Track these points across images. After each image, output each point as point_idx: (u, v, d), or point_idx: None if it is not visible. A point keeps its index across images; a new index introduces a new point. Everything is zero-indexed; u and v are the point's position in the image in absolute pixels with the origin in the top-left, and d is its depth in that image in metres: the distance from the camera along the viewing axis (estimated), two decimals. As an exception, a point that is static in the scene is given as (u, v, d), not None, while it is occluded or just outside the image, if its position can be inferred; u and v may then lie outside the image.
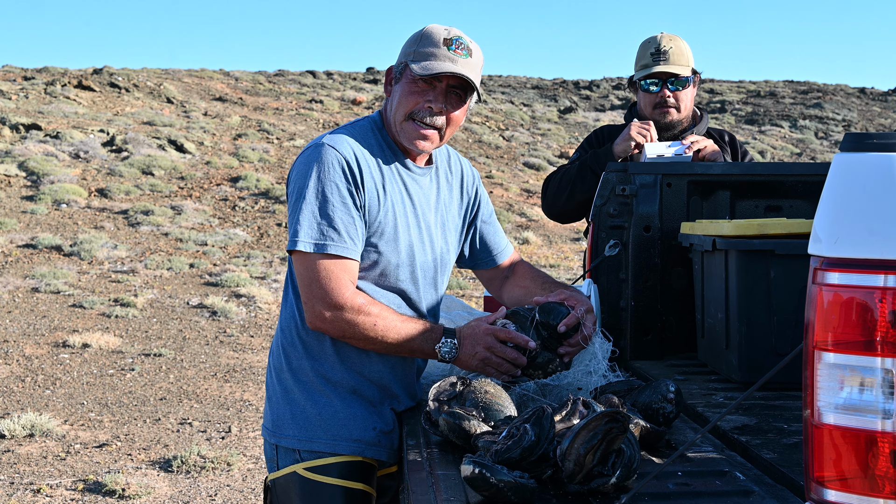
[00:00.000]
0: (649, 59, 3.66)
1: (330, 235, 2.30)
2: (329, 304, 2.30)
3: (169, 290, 11.18)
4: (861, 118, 29.16)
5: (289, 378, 2.45)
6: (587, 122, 26.13)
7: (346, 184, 2.34)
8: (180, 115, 21.57)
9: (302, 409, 2.42)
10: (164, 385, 7.71)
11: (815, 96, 31.25)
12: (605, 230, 3.29)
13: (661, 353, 3.25)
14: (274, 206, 15.34)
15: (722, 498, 1.78)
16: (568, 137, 23.88)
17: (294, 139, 20.08)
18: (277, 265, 12.58)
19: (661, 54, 3.63)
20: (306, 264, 2.32)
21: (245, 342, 9.21)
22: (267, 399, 2.53)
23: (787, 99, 30.77)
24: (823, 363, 1.58)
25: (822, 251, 1.59)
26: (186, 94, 24.26)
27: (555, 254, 14.21)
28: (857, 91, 33.15)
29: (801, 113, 28.42)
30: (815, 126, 27.35)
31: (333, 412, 2.41)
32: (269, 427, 2.48)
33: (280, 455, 2.44)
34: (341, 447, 2.40)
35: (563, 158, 21.40)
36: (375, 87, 29.24)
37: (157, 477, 5.57)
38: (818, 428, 1.57)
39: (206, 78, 27.34)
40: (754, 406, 2.55)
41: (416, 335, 2.35)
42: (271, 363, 2.53)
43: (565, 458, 1.78)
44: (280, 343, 2.49)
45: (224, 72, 29.39)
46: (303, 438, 2.41)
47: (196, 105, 22.92)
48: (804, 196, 3.32)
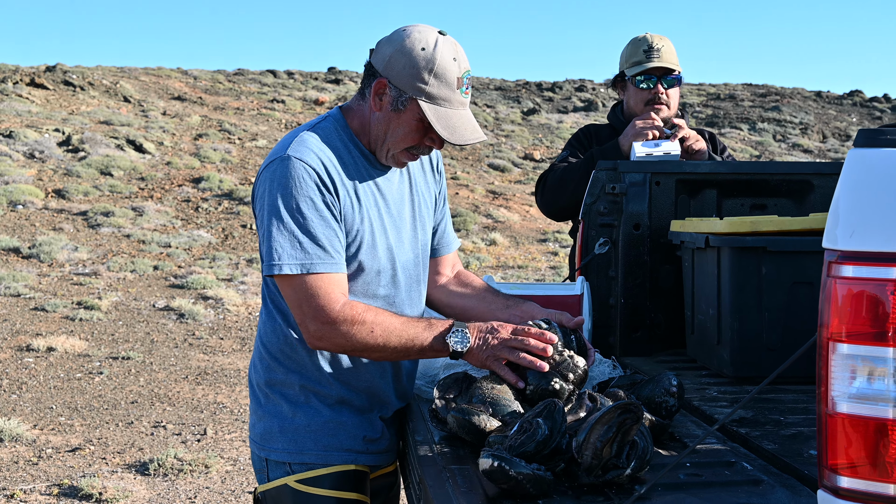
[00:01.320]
0: (642, 56, 3.69)
1: (316, 253, 2.23)
2: (322, 322, 2.21)
3: (133, 293, 11.08)
4: (818, 121, 29.62)
5: (275, 392, 2.39)
6: (550, 124, 26.27)
7: (320, 196, 2.25)
8: (138, 114, 21.36)
9: (290, 421, 2.37)
10: (134, 388, 7.64)
11: (774, 99, 31.68)
12: (594, 228, 3.32)
13: (651, 350, 3.30)
14: (238, 207, 15.25)
15: (733, 487, 1.82)
16: (532, 139, 24.00)
17: (256, 139, 19.97)
18: (244, 267, 12.51)
19: (654, 51, 3.68)
20: (294, 286, 2.23)
21: (215, 344, 9.15)
22: (252, 412, 2.46)
23: (745, 102, 31.18)
24: (837, 354, 1.62)
25: (837, 245, 1.63)
26: (144, 92, 24.03)
27: (522, 255, 14.28)
28: (813, 94, 33.66)
29: (759, 116, 28.81)
30: (773, 129, 27.74)
31: (323, 422, 2.37)
32: (258, 441, 2.42)
33: (270, 467, 2.39)
34: (332, 458, 2.36)
35: (528, 160, 21.50)
36: (338, 87, 29.16)
37: (134, 480, 5.52)
38: (832, 417, 1.62)
39: (164, 77, 27.09)
40: (749, 401, 2.60)
41: (420, 333, 2.26)
42: (254, 378, 2.46)
43: (582, 451, 1.81)
44: (262, 358, 2.42)
45: (182, 70, 29.12)
46: (293, 451, 2.36)
47: (154, 104, 22.71)
48: (788, 195, 3.38)
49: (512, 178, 19.99)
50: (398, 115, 2.31)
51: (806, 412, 2.42)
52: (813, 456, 2.02)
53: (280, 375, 2.39)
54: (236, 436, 6.43)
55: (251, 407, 2.47)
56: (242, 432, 6.51)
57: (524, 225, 16.15)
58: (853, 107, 32.83)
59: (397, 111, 2.31)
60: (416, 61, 2.27)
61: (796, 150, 26.66)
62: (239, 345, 9.18)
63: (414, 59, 2.27)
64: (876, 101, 33.12)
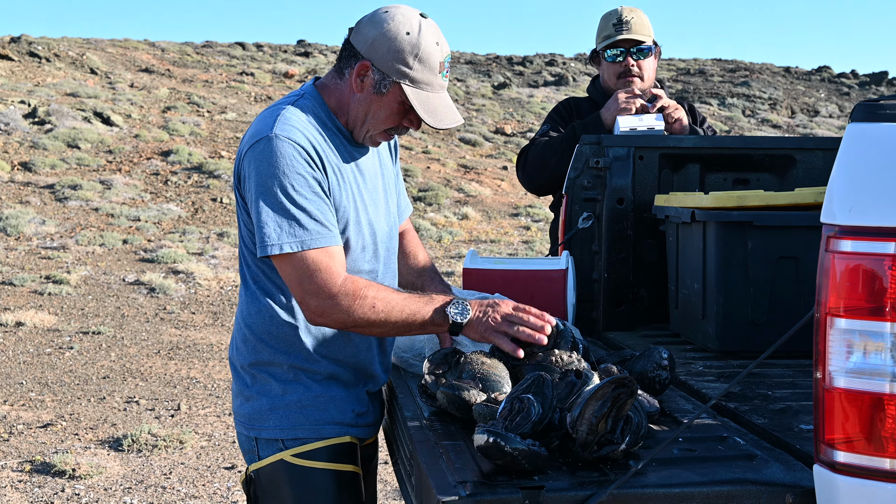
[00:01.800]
0: (612, 30, 3.69)
1: (314, 229, 2.21)
2: (322, 297, 2.20)
3: (103, 267, 10.96)
4: (786, 96, 29.79)
5: (262, 372, 2.37)
6: (521, 98, 26.23)
7: (311, 173, 2.25)
8: (105, 86, 21.06)
9: (281, 398, 2.35)
10: (105, 363, 7.57)
11: (743, 75, 31.82)
12: (578, 202, 3.31)
13: (634, 324, 3.30)
14: (208, 180, 15.10)
15: (727, 462, 1.81)
16: (503, 113, 23.96)
17: (225, 112, 19.77)
18: (214, 241, 12.41)
19: (623, 24, 3.67)
20: (293, 264, 2.21)
21: (187, 319, 9.08)
22: (237, 393, 2.43)
23: (715, 77, 31.29)
24: (835, 329, 1.61)
25: (836, 219, 1.62)
26: (111, 64, 23.69)
27: (494, 229, 14.28)
28: (782, 70, 33.85)
29: (729, 91, 28.92)
30: (742, 104, 27.88)
31: (313, 397, 2.35)
32: (245, 421, 2.39)
33: (260, 446, 2.37)
34: (325, 431, 2.35)
35: (499, 134, 21.47)
36: (307, 59, 28.91)
37: (108, 456, 5.47)
38: (829, 391, 1.61)
39: (131, 48, 26.72)
40: (735, 374, 2.60)
41: (421, 307, 2.25)
42: (237, 360, 2.42)
43: (577, 427, 1.80)
44: (247, 340, 2.39)
45: (149, 42, 28.73)
46: (285, 427, 2.35)
47: (121, 76, 22.39)
48: (771, 169, 3.39)
49: (483, 152, 19.95)
50: (380, 97, 2.31)
51: (793, 386, 2.43)
52: (804, 430, 2.02)
53: (267, 356, 2.37)
54: (210, 411, 6.39)
55: (235, 389, 2.43)
56: (216, 407, 6.48)
57: (496, 199, 16.14)
58: (821, 82, 33.07)
59: (379, 94, 2.31)
60: (402, 45, 2.27)
61: (765, 125, 26.82)
62: (211, 319, 9.11)
63: (399, 44, 2.27)
64: (843, 77, 33.37)
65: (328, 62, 28.78)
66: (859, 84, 32.48)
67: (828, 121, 27.66)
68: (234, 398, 2.45)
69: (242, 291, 2.42)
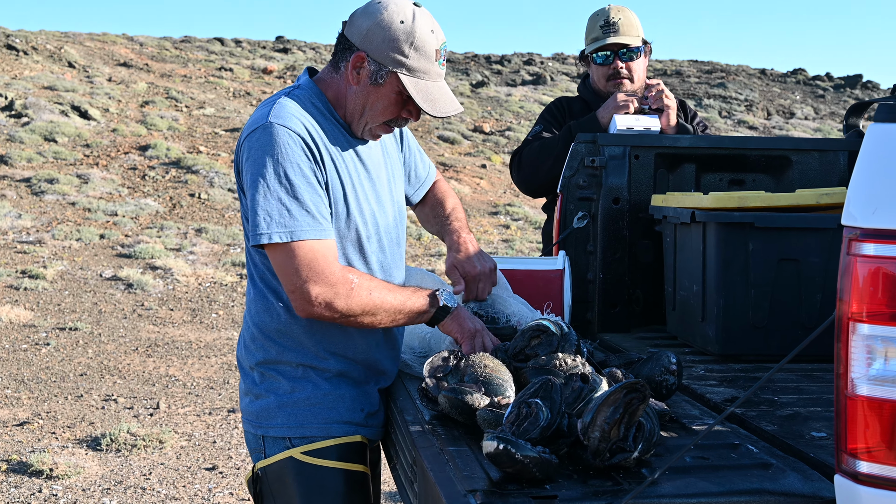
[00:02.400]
0: (599, 32, 3.65)
1: (305, 220, 2.18)
2: (319, 289, 2.17)
3: (80, 262, 10.80)
4: (762, 98, 29.90)
5: (271, 370, 2.34)
6: (499, 97, 26.16)
7: (308, 163, 2.22)
8: (83, 80, 20.80)
9: (289, 396, 2.32)
10: (82, 360, 7.45)
11: (719, 76, 31.90)
12: (573, 202, 3.26)
13: (629, 326, 3.25)
14: (186, 175, 14.94)
15: (743, 471, 1.77)
16: (481, 111, 23.88)
17: (204, 107, 19.59)
18: (193, 236, 12.27)
19: (610, 26, 3.62)
20: (286, 253, 2.18)
21: (165, 315, 8.96)
22: (245, 392, 2.40)
23: (692, 78, 31.35)
24: (858, 335, 1.57)
25: (858, 222, 1.57)
26: (89, 58, 23.42)
27: (474, 227, 14.21)
28: (758, 72, 33.97)
29: (705, 92, 28.97)
30: (718, 105, 27.93)
31: (322, 395, 2.33)
32: (253, 419, 2.36)
33: (267, 445, 2.33)
34: (335, 430, 2.32)
35: (477, 132, 21.41)
36: (286, 56, 28.72)
37: (86, 456, 5.36)
38: (851, 399, 1.57)
39: (109, 42, 26.43)
40: (737, 378, 2.56)
41: (410, 296, 2.30)
42: (245, 359, 2.40)
43: (588, 433, 1.74)
44: (255, 338, 2.36)
45: (127, 36, 28.43)
46: (293, 425, 2.31)
47: (99, 70, 22.14)
48: (767, 170, 3.35)
49: (462, 150, 19.88)
50: (377, 88, 2.29)
51: (798, 391, 2.38)
52: (816, 438, 1.98)
53: (275, 354, 2.34)
54: (190, 410, 6.30)
55: (243, 387, 2.40)
56: (196, 406, 6.38)
57: (475, 198, 16.08)
58: (796, 84, 33.23)
59: (376, 85, 2.29)
60: (396, 34, 2.25)
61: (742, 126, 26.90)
62: (190, 316, 9.00)
63: (394, 33, 2.25)
64: (818, 80, 33.55)
65: (307, 59, 28.62)
66: (834, 87, 32.66)
67: (803, 122, 27.78)
68: (242, 397, 2.41)
69: (250, 289, 2.39)
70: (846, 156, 3.29)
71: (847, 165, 3.29)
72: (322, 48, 30.91)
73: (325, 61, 28.12)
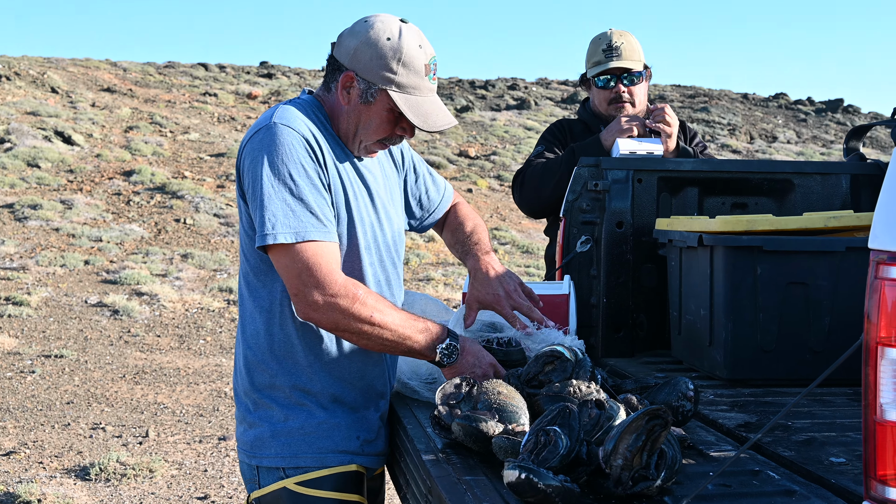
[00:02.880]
0: (602, 56, 3.64)
1: (310, 221, 2.15)
2: (324, 292, 2.12)
3: (64, 288, 10.70)
4: (745, 122, 30.10)
5: (264, 397, 2.29)
6: (484, 121, 26.23)
7: (312, 164, 2.19)
8: (66, 105, 20.72)
9: (283, 425, 2.27)
10: (69, 388, 7.35)
11: (702, 100, 32.13)
12: (576, 226, 3.24)
13: (633, 351, 3.22)
14: (171, 200, 14.86)
15: (767, 498, 1.73)
16: (466, 136, 23.92)
17: (189, 132, 19.53)
18: (178, 262, 12.18)
19: (612, 50, 3.62)
20: (291, 255, 2.14)
21: (152, 342, 8.87)
22: (240, 420, 2.36)
23: (675, 102, 31.53)
24: (887, 359, 1.54)
25: (886, 245, 1.55)
26: (72, 84, 23.34)
27: (460, 252, 14.17)
28: (740, 96, 34.22)
29: (688, 116, 29.12)
30: (702, 129, 28.09)
31: (316, 424, 2.28)
32: (247, 449, 2.32)
33: (261, 475, 2.29)
34: (329, 459, 2.27)
35: (463, 157, 21.43)
36: (270, 81, 28.71)
37: (75, 486, 5.27)
38: (881, 425, 1.54)
39: (93, 68, 26.35)
40: (748, 403, 2.53)
41: (414, 333, 2.22)
42: (240, 386, 2.35)
43: (610, 461, 1.71)
44: (248, 363, 2.32)
45: (111, 62, 28.37)
46: (287, 455, 2.27)
47: (83, 96, 22.05)
48: (770, 193, 3.34)
49: (447, 174, 19.88)
50: (368, 107, 2.28)
51: (811, 416, 2.36)
52: (835, 463, 1.95)
53: (268, 378, 2.29)
54: (180, 438, 6.21)
55: (238, 416, 2.36)
56: (186, 434, 6.30)
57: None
58: (778, 109, 33.48)
59: (367, 103, 2.28)
60: (383, 51, 2.24)
61: (725, 150, 27.05)
62: (177, 342, 8.92)
63: (380, 50, 2.24)
64: (800, 104, 33.82)
65: (291, 84, 28.62)
66: (815, 111, 32.93)
67: (786, 146, 27.98)
68: (238, 425, 2.37)
69: (243, 312, 2.34)
70: (848, 179, 3.28)
71: (849, 188, 3.28)
72: (306, 73, 30.93)
73: (309, 86, 28.14)
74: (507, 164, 20.56)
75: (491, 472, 1.88)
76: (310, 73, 31.21)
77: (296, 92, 26.27)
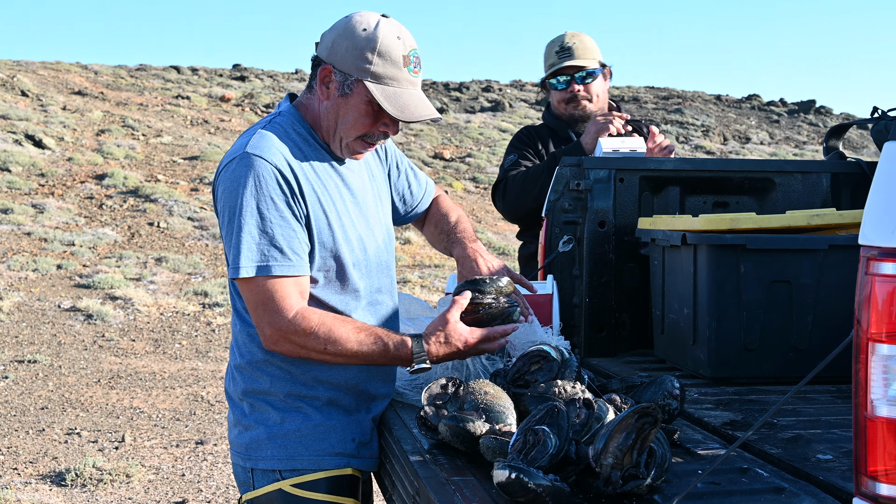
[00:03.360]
0: (555, 58, 3.70)
1: (273, 255, 2.16)
2: (275, 329, 2.17)
3: (37, 293, 10.59)
4: (718, 124, 30.29)
5: (260, 401, 2.29)
6: (458, 124, 26.23)
7: (282, 196, 2.19)
8: (37, 108, 20.51)
9: (279, 427, 2.27)
10: (43, 393, 7.26)
11: (676, 102, 32.30)
12: (558, 226, 3.23)
13: (616, 350, 3.22)
14: (144, 204, 14.75)
15: (756, 496, 1.73)
16: (440, 138, 23.91)
17: (161, 136, 19.39)
18: (153, 266, 12.09)
19: (566, 51, 3.68)
20: (251, 288, 2.18)
21: (127, 346, 8.79)
22: (234, 423, 2.34)
23: (649, 104, 31.70)
24: (877, 355, 1.54)
25: (876, 241, 1.55)
26: (42, 87, 23.11)
27: (438, 254, 14.17)
28: (713, 98, 34.43)
29: (662, 118, 29.29)
30: (676, 130, 28.25)
31: (313, 426, 2.27)
32: (242, 452, 2.31)
33: (256, 477, 2.27)
34: (325, 462, 2.26)
35: (438, 159, 21.42)
36: (243, 84, 28.57)
37: (50, 492, 5.21)
38: (871, 421, 1.54)
39: (63, 71, 26.12)
40: (732, 402, 2.53)
41: (376, 352, 2.22)
42: (233, 390, 2.35)
43: (601, 460, 1.70)
44: (242, 369, 2.32)
45: (82, 65, 28.12)
46: (283, 458, 2.26)
47: (54, 99, 21.85)
48: (751, 192, 3.35)
49: (423, 177, 19.89)
50: (346, 99, 2.26)
51: (796, 413, 2.36)
52: (822, 460, 1.95)
53: (265, 385, 2.29)
54: (157, 442, 6.15)
55: (233, 419, 2.34)
56: (163, 439, 6.24)
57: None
58: (751, 110, 33.72)
59: (344, 96, 2.26)
60: (358, 42, 2.23)
61: (699, 151, 27.20)
62: (152, 346, 8.84)
63: (356, 41, 2.23)
64: (773, 105, 34.08)
65: (264, 86, 28.49)
66: (788, 112, 33.19)
67: (759, 147, 28.17)
68: (232, 428, 2.35)
69: (236, 321, 2.33)
70: (829, 177, 3.30)
71: (829, 187, 3.30)
72: (280, 76, 30.80)
73: (282, 89, 28.04)
74: (482, 167, 20.57)
75: (479, 472, 1.87)
76: (283, 75, 31.09)
77: (269, 95, 26.17)
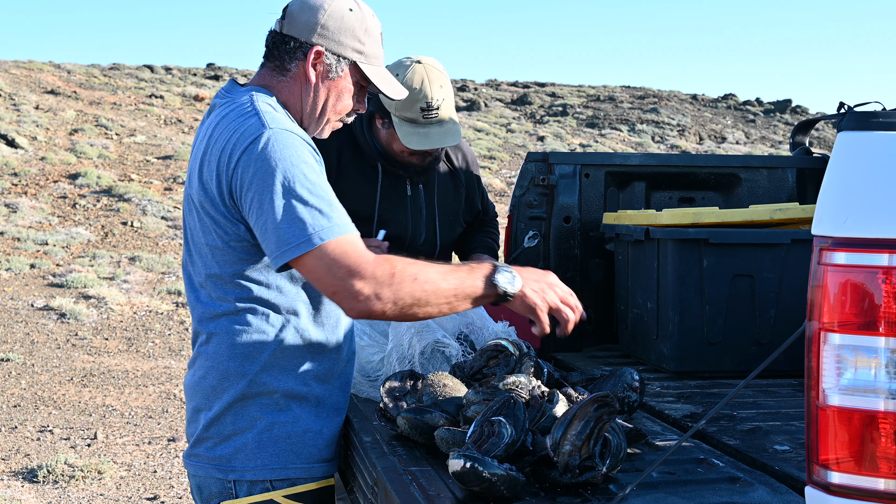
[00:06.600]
0: (419, 115, 2.84)
1: (336, 216, 1.99)
2: (365, 280, 1.94)
3: (10, 292, 10.50)
4: (694, 123, 30.45)
5: (249, 405, 2.13)
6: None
7: (317, 162, 2.08)
8: (9, 108, 20.35)
9: (269, 433, 2.13)
10: (15, 391, 7.21)
11: (651, 101, 32.43)
12: (524, 221, 3.24)
13: (581, 345, 3.23)
14: (118, 203, 14.66)
15: (711, 485, 1.75)
16: (418, 137, 23.96)
17: (135, 135, 19.28)
18: (126, 265, 12.01)
19: (431, 111, 2.85)
20: (321, 256, 1.96)
21: (100, 345, 8.73)
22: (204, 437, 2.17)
23: (625, 104, 31.81)
24: (829, 344, 1.56)
25: (829, 231, 1.56)
26: (15, 86, 22.93)
27: (412, 252, 14.16)
28: (689, 97, 34.59)
29: (638, 117, 29.42)
30: (651, 130, 28.37)
31: (303, 430, 2.15)
32: (223, 464, 2.14)
33: (239, 487, 2.14)
34: (316, 470, 2.17)
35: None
36: (217, 83, 28.45)
37: (22, 489, 5.17)
38: (823, 410, 1.55)
39: (36, 70, 25.92)
40: (694, 395, 2.55)
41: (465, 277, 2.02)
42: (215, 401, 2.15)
43: (559, 449, 1.71)
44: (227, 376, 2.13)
45: (54, 64, 27.92)
46: (275, 467, 2.13)
47: (26, 98, 21.68)
48: (716, 188, 3.37)
49: (400, 176, 19.87)
50: (335, 82, 2.19)
51: (756, 406, 2.38)
52: (779, 451, 1.97)
53: (258, 387, 2.13)
54: (129, 440, 6.12)
55: (202, 433, 2.18)
56: (135, 436, 6.21)
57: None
58: (727, 109, 33.90)
59: (336, 77, 2.19)
60: (351, 23, 2.17)
61: (674, 150, 27.33)
62: (125, 345, 8.79)
63: (348, 22, 2.16)
64: (749, 105, 34.29)
65: (241, 85, 28.36)
66: (764, 111, 33.40)
67: (735, 147, 28.34)
68: (199, 443, 2.19)
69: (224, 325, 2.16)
70: (794, 173, 3.32)
71: (795, 182, 3.32)
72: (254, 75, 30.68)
73: (259, 88, 27.87)
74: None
75: (437, 462, 1.87)
76: (260, 74, 30.98)
77: (246, 93, 26.00)
